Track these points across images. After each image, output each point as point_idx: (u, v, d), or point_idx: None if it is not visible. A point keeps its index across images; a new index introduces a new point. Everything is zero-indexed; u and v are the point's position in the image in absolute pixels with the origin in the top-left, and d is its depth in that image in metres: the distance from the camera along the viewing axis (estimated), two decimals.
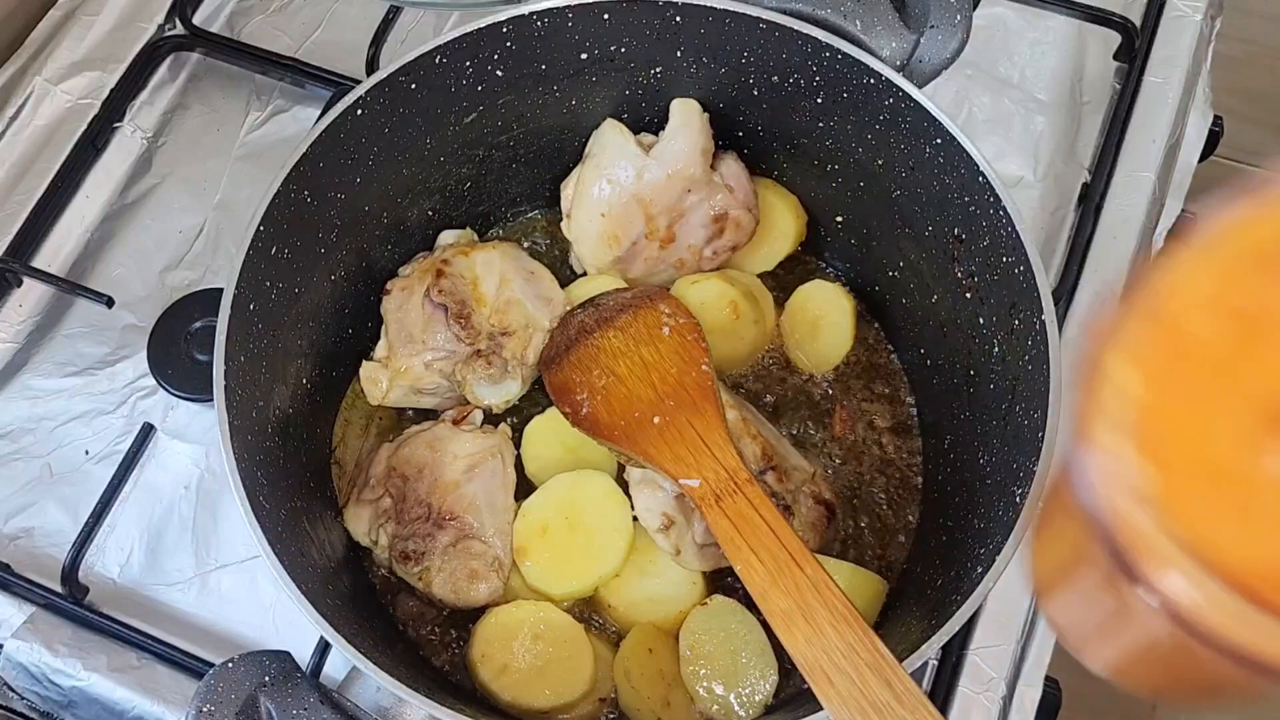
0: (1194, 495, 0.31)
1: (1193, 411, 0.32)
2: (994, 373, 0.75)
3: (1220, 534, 0.30)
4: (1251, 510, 0.31)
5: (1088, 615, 0.33)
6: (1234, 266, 0.32)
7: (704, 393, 0.75)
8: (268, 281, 0.74)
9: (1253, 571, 0.29)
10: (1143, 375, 0.32)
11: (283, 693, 0.68)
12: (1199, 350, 0.32)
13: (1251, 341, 0.32)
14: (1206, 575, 0.29)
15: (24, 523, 0.87)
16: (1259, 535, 0.30)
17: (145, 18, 1.04)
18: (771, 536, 0.66)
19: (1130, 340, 0.32)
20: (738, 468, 0.70)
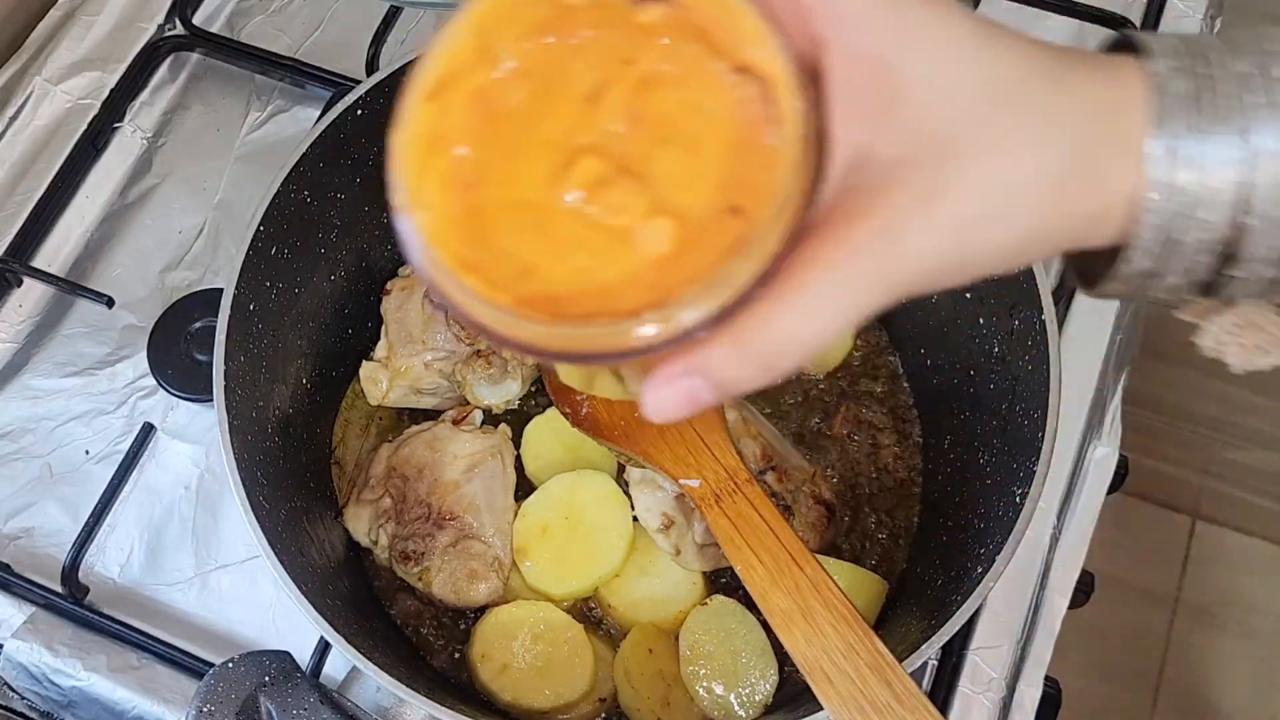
0: (507, 228, 0.38)
1: (505, 163, 0.38)
2: (994, 373, 0.75)
3: (528, 256, 0.38)
4: (548, 231, 0.38)
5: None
6: (506, 26, 0.39)
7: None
8: (268, 282, 0.74)
9: (556, 285, 0.37)
10: (464, 139, 0.38)
11: (283, 693, 0.68)
12: (504, 114, 0.38)
13: (543, 97, 0.38)
14: (488, 302, 0.37)
15: (24, 523, 0.87)
16: (558, 253, 0.37)
17: (145, 18, 1.04)
18: (771, 536, 0.66)
19: (447, 114, 0.39)
20: (738, 468, 0.70)
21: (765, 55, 0.37)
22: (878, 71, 0.37)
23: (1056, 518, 0.85)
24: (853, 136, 0.38)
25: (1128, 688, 1.61)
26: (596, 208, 0.38)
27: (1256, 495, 1.75)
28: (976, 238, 0.38)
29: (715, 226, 0.37)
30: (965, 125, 0.37)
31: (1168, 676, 1.62)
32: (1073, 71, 0.38)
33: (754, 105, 0.37)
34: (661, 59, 0.38)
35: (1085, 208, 0.38)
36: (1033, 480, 0.67)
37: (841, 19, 0.38)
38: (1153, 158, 0.37)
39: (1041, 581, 0.84)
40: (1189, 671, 1.62)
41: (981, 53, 0.38)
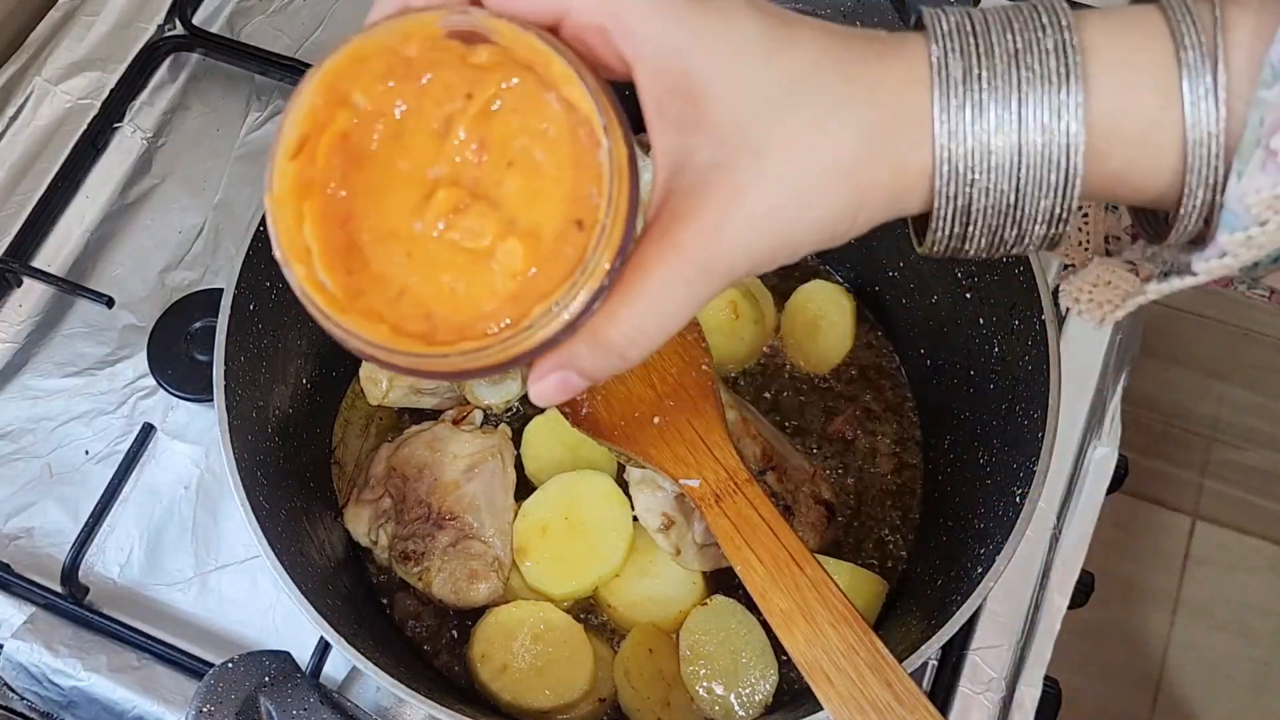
0: (382, 256, 0.42)
1: (373, 198, 0.42)
2: (994, 373, 0.76)
3: (401, 279, 0.42)
4: (417, 256, 0.42)
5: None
6: (353, 79, 0.43)
7: (704, 393, 0.75)
8: (268, 281, 0.74)
9: (428, 304, 0.42)
10: (333, 180, 0.42)
11: (282, 693, 0.68)
12: (366, 155, 0.42)
13: (399, 135, 0.42)
14: (367, 336, 0.42)
15: (24, 523, 0.87)
16: (426, 275, 0.42)
17: (145, 18, 1.04)
18: (771, 536, 0.66)
19: (313, 161, 0.42)
20: (737, 468, 0.70)
21: (576, 94, 0.41)
22: (680, 83, 0.41)
23: (1056, 518, 0.85)
24: (670, 144, 0.42)
25: (1127, 688, 1.61)
26: (456, 233, 0.42)
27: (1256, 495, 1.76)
28: (787, 225, 0.41)
29: (562, 240, 0.41)
30: (763, 124, 0.40)
31: (1167, 676, 1.62)
32: (862, 61, 0.41)
33: (584, 128, 0.41)
34: (498, 91, 0.42)
35: (885, 185, 0.41)
36: (1033, 480, 0.67)
37: (640, 39, 0.41)
38: (937, 135, 0.40)
39: (1041, 581, 0.84)
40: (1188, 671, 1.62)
41: (772, 52, 0.41)
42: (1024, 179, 0.41)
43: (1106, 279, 0.47)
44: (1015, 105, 0.40)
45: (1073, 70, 0.40)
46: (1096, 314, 0.47)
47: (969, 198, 0.41)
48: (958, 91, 0.40)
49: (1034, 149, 0.40)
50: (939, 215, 0.42)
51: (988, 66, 0.40)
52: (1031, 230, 0.42)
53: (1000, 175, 0.41)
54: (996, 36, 0.41)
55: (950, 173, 0.41)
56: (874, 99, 0.41)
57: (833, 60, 0.41)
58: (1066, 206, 0.41)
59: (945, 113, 0.40)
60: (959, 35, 0.41)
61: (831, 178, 0.41)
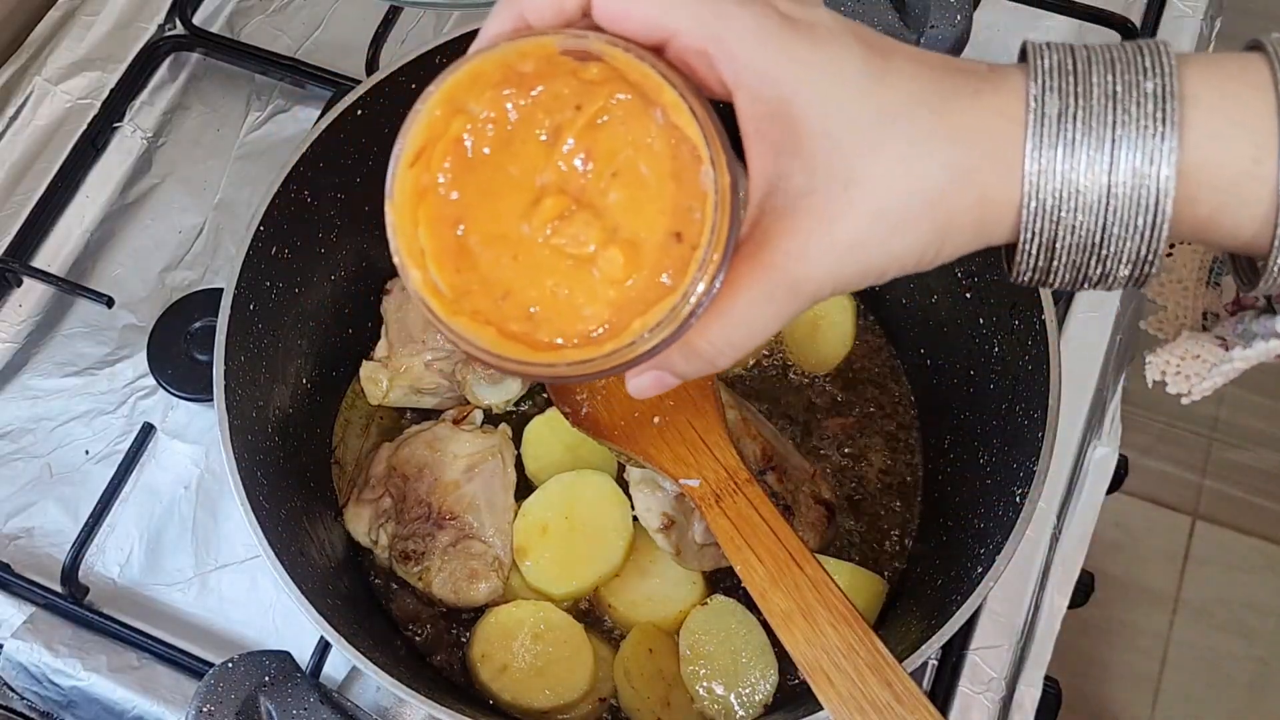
0: (489, 258, 0.45)
1: (483, 202, 0.45)
2: (994, 373, 0.75)
3: (507, 281, 0.45)
4: (522, 259, 0.45)
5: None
6: (469, 92, 0.44)
7: (704, 393, 0.75)
8: (268, 281, 0.74)
9: (531, 305, 0.45)
10: (448, 184, 0.45)
11: (283, 693, 0.68)
12: (479, 159, 0.45)
13: (510, 142, 0.44)
14: (476, 338, 0.44)
15: (24, 523, 0.87)
16: (531, 278, 0.44)
17: (145, 18, 1.04)
18: (771, 536, 0.66)
19: (431, 166, 0.45)
20: (738, 468, 0.70)
21: (684, 121, 0.43)
22: (779, 110, 0.42)
23: (1056, 517, 0.85)
24: (765, 167, 0.43)
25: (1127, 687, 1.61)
26: (561, 239, 0.44)
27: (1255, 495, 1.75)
28: (873, 253, 0.43)
29: (662, 251, 0.43)
30: (855, 155, 0.42)
31: (1167, 676, 1.62)
32: (956, 96, 0.42)
33: (686, 145, 0.43)
34: (606, 105, 0.44)
35: (971, 218, 0.43)
36: (1033, 480, 0.67)
37: (741, 65, 0.42)
38: (1027, 172, 0.41)
39: (1041, 581, 0.84)
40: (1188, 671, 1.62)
41: (870, 84, 0.42)
42: (1111, 220, 0.41)
43: (1195, 353, 0.48)
44: (1109, 147, 0.40)
45: (1170, 117, 0.40)
46: (1183, 386, 0.48)
47: (1054, 234, 0.42)
48: (1051, 129, 0.41)
49: (1123, 191, 0.41)
50: (1024, 249, 0.43)
51: (1084, 106, 0.41)
52: (1116, 269, 0.43)
53: (1087, 215, 0.41)
54: (1097, 76, 0.41)
55: (1037, 209, 0.41)
56: (966, 136, 0.42)
57: (928, 95, 0.42)
58: (1153, 249, 0.42)
59: (1037, 150, 0.41)
60: (1059, 74, 0.41)
61: (918, 210, 0.42)
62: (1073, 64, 0.42)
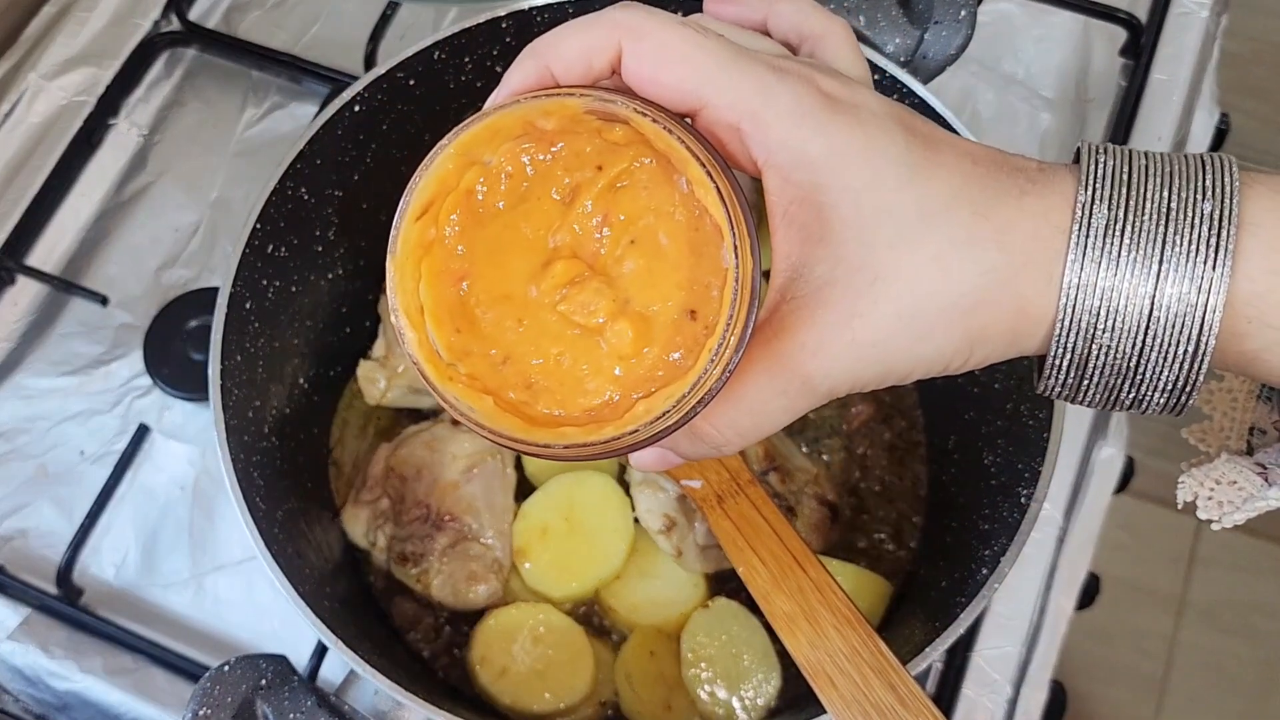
0: (492, 319, 0.43)
1: (491, 258, 0.43)
2: (999, 372, 0.75)
3: (509, 344, 0.43)
4: (528, 323, 0.43)
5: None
6: (486, 146, 0.42)
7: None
8: (264, 280, 0.74)
9: (532, 373, 0.42)
10: (454, 238, 0.43)
11: (279, 696, 0.68)
12: (490, 213, 0.43)
13: (524, 198, 0.43)
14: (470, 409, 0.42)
15: (18, 524, 0.87)
16: (535, 343, 0.42)
17: (140, 13, 1.03)
18: (774, 538, 0.66)
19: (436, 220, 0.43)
20: (740, 468, 0.70)
21: (709, 201, 0.41)
22: (810, 195, 0.40)
23: (1062, 519, 0.85)
24: (791, 252, 0.41)
25: (1133, 690, 1.61)
26: (569, 306, 0.42)
27: None
28: (895, 355, 0.41)
29: (674, 329, 0.41)
30: (886, 251, 0.39)
31: (1173, 679, 1.62)
32: (1001, 198, 0.40)
33: (708, 218, 0.41)
34: (629, 169, 0.42)
35: (1003, 329, 0.40)
36: (1038, 481, 0.67)
37: (774, 145, 0.40)
38: (1066, 284, 0.39)
39: (1047, 584, 0.83)
40: (1194, 674, 1.62)
41: (910, 178, 0.40)
42: (1149, 345, 0.39)
43: (1231, 479, 0.45)
44: (1155, 268, 0.38)
45: (1225, 244, 0.37)
46: (1214, 513, 0.46)
47: (1088, 353, 0.40)
48: (1096, 242, 0.38)
49: (1166, 317, 0.38)
50: (1054, 363, 0.40)
51: (1134, 222, 0.38)
52: (1151, 397, 0.41)
53: (1124, 337, 0.39)
54: (1152, 190, 0.39)
55: (1072, 325, 0.39)
56: (1006, 241, 0.39)
57: (972, 193, 0.40)
58: (1191, 380, 0.39)
59: (1078, 262, 0.38)
60: (1112, 182, 0.39)
61: (948, 316, 0.40)
62: (1128, 173, 0.39)
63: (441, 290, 0.43)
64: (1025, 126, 0.99)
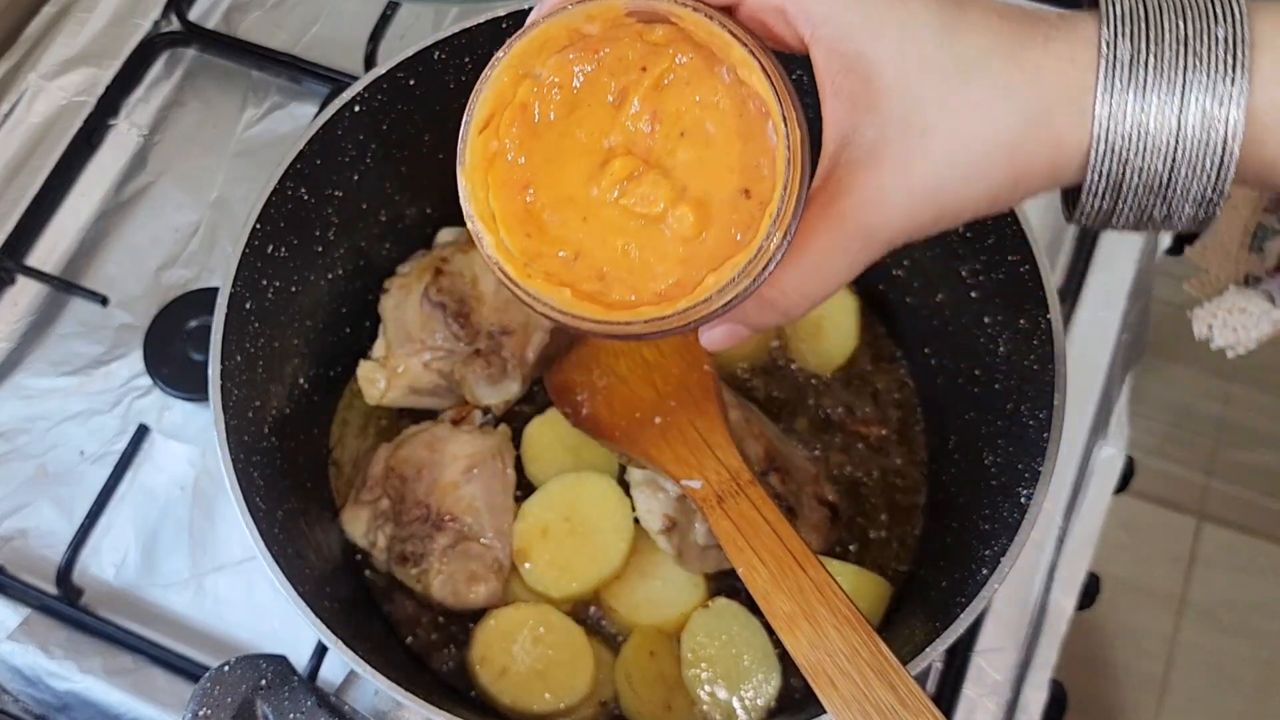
0: (559, 221, 0.47)
1: (551, 166, 0.47)
2: (999, 372, 0.75)
3: (578, 242, 0.47)
4: (593, 221, 0.46)
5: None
6: (536, 57, 0.46)
7: (706, 393, 0.74)
8: (264, 280, 0.74)
9: (603, 266, 0.46)
10: (515, 150, 0.47)
11: (279, 696, 0.68)
12: (545, 124, 0.47)
13: (576, 106, 0.46)
14: (550, 300, 0.46)
15: (18, 524, 0.87)
16: (602, 238, 0.46)
17: (140, 14, 1.04)
18: (774, 538, 0.66)
19: (501, 133, 0.47)
20: (740, 468, 0.70)
21: (755, 79, 0.44)
22: (853, 63, 0.44)
23: (1062, 519, 0.84)
24: (841, 120, 0.44)
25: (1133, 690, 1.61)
26: (630, 199, 0.46)
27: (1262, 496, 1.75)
28: (947, 199, 0.44)
29: (731, 209, 0.45)
30: (930, 105, 0.43)
31: (1173, 679, 1.61)
32: (1029, 44, 0.43)
33: (753, 101, 0.44)
34: (672, 66, 0.45)
35: (1043, 162, 0.44)
36: (1038, 481, 0.67)
37: (817, 21, 0.44)
38: (1098, 115, 0.43)
39: (1047, 583, 0.83)
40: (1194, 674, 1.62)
41: (944, 35, 0.44)
42: (1179, 161, 0.42)
43: (1241, 306, 0.49)
44: (1179, 90, 0.42)
45: (1241, 61, 0.41)
46: (1230, 339, 0.50)
47: (1122, 175, 0.43)
48: (1123, 75, 0.42)
49: (1192, 134, 0.42)
50: (1090, 190, 0.44)
51: (1155, 52, 0.42)
52: (1181, 210, 0.44)
53: (1155, 157, 0.42)
54: (1169, 22, 0.42)
55: (1106, 151, 0.43)
56: (1039, 82, 0.43)
57: (1002, 43, 0.43)
58: (1218, 190, 0.43)
59: (1108, 94, 0.42)
60: (1131, 20, 0.43)
61: (993, 157, 0.43)
62: (1144, 10, 0.43)
63: (509, 200, 0.47)
64: None
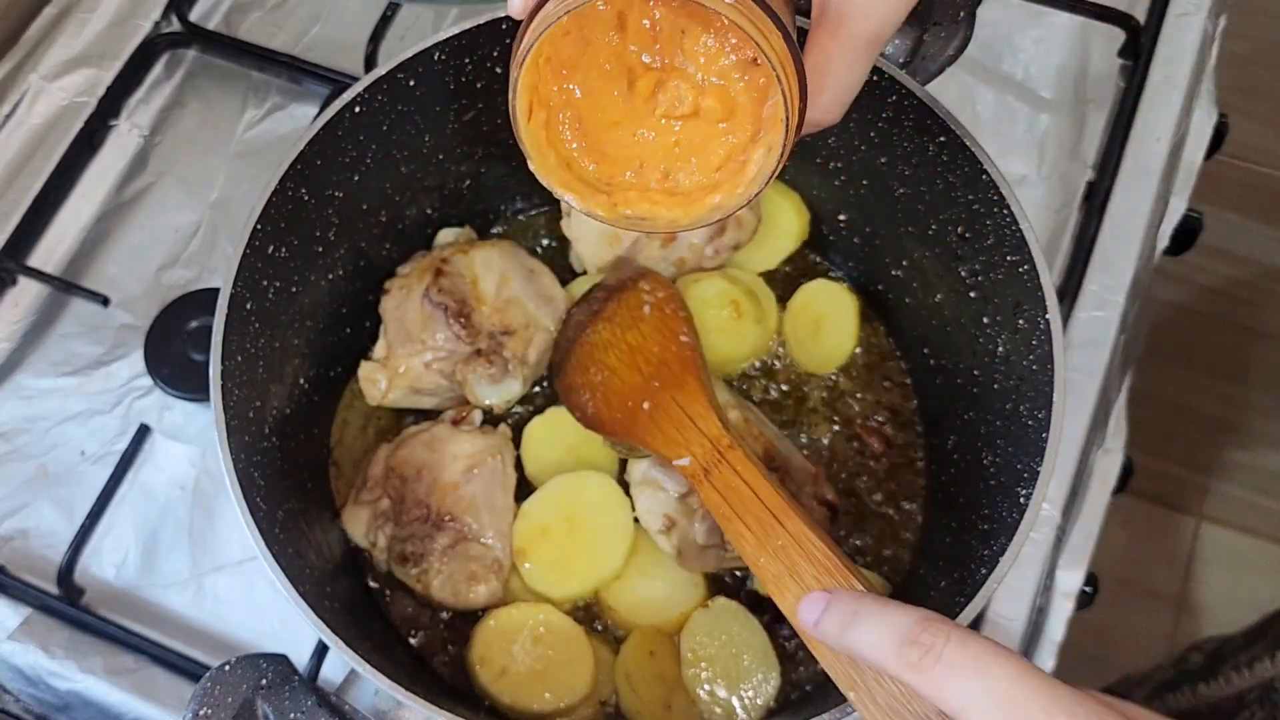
0: (615, 143, 0.55)
1: (590, 101, 0.54)
2: (998, 372, 0.75)
3: (634, 157, 0.55)
4: (638, 135, 0.54)
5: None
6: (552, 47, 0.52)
7: (684, 364, 0.74)
8: (265, 281, 0.74)
9: (658, 174, 0.55)
10: (566, 81, 0.53)
11: (280, 696, 0.68)
12: (572, 70, 0.53)
13: (587, 45, 0.52)
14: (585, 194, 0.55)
15: (19, 524, 0.87)
16: (650, 147, 0.55)
17: (141, 14, 1.04)
18: (754, 499, 0.65)
19: (552, 63, 0.53)
20: (719, 434, 0.69)
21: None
22: None
23: (1061, 519, 0.85)
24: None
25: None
26: (663, 105, 0.53)
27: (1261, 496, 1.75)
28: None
29: (747, 83, 0.52)
30: None
31: None
32: None
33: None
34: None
35: None
36: (1037, 481, 0.67)
37: None
38: None
39: (1046, 583, 0.83)
40: None
41: None
42: None
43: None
44: None
45: None
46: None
47: None
48: None
49: None
50: None
51: None
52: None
53: None
54: None
55: None
56: None
57: None
58: None
59: None
60: None
61: None
62: None
63: (561, 135, 0.54)
64: (1024, 127, 0.99)
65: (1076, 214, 0.95)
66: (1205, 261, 1.59)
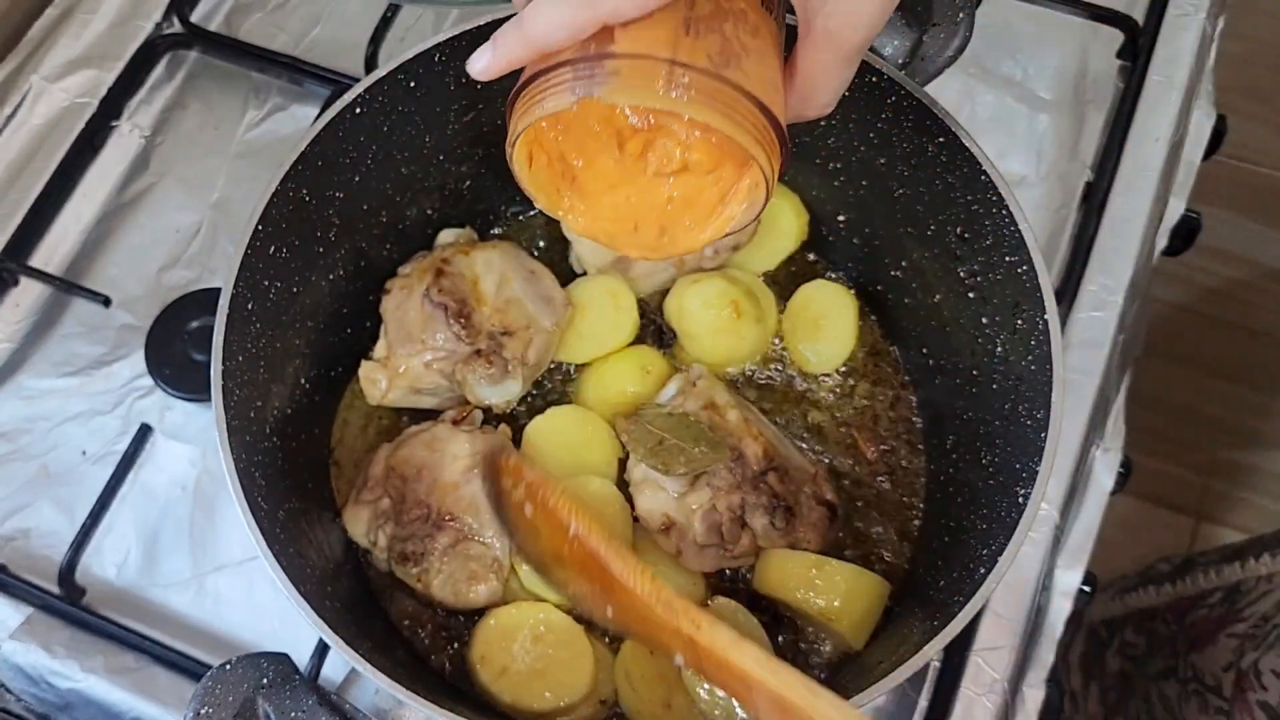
0: (611, 203, 0.59)
1: (588, 165, 0.58)
2: (997, 372, 0.75)
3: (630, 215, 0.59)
4: (632, 194, 0.58)
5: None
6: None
7: (596, 561, 0.64)
8: (266, 281, 0.74)
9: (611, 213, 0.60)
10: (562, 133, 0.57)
11: (281, 695, 0.68)
12: (567, 141, 0.57)
13: (577, 124, 0.56)
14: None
15: (20, 523, 0.87)
16: (644, 204, 0.58)
17: (143, 15, 1.04)
18: (742, 677, 0.59)
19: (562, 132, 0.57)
20: (676, 629, 0.61)
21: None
22: None
23: (1060, 518, 0.85)
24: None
25: None
26: (654, 164, 0.56)
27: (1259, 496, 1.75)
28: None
29: (735, 127, 0.52)
30: None
31: None
32: None
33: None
34: None
35: None
36: (1036, 481, 0.67)
37: None
38: None
39: (1044, 583, 0.84)
40: None
41: None
42: None
43: None
44: None
45: None
46: None
47: None
48: None
49: None
50: None
51: None
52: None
53: None
54: None
55: None
56: None
57: None
58: None
59: None
60: None
61: None
62: None
63: (554, 177, 0.59)
64: (1023, 128, 0.99)
65: (1075, 214, 0.95)
66: (1204, 261, 1.59)
